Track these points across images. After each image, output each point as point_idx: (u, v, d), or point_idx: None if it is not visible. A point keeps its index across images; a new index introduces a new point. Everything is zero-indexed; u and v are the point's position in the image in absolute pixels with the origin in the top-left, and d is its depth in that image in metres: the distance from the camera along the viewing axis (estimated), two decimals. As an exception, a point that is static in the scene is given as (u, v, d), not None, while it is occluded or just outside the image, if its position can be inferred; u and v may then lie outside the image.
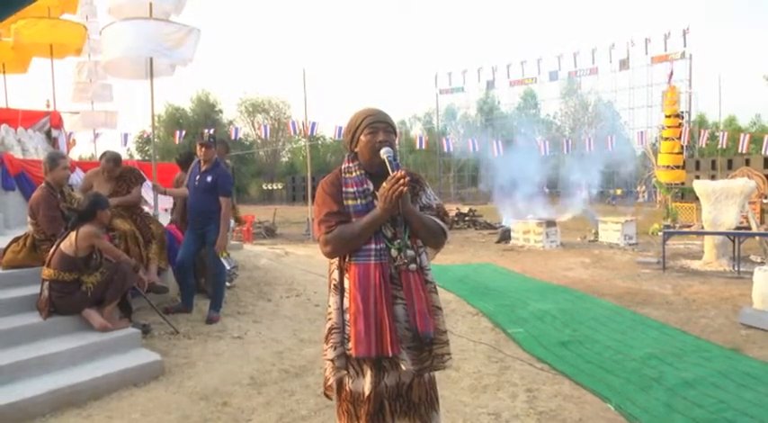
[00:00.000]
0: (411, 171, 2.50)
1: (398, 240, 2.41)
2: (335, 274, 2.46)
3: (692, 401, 4.21)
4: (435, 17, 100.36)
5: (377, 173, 2.46)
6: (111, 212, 5.50)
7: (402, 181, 2.27)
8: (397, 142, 2.54)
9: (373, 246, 2.37)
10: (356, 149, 2.52)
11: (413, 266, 2.40)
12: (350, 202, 2.43)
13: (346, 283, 2.40)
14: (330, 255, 2.43)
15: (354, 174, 2.48)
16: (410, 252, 2.41)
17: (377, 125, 2.47)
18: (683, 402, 4.21)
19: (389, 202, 2.30)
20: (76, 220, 5.08)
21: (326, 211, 2.41)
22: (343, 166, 2.53)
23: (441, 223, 2.50)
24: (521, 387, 4.60)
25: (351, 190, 2.45)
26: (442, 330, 2.47)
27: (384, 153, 2.40)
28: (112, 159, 6.35)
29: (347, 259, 2.40)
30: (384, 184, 2.33)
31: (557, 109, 49.72)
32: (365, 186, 2.46)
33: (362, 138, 2.47)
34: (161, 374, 4.71)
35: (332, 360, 2.41)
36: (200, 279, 6.92)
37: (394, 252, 2.39)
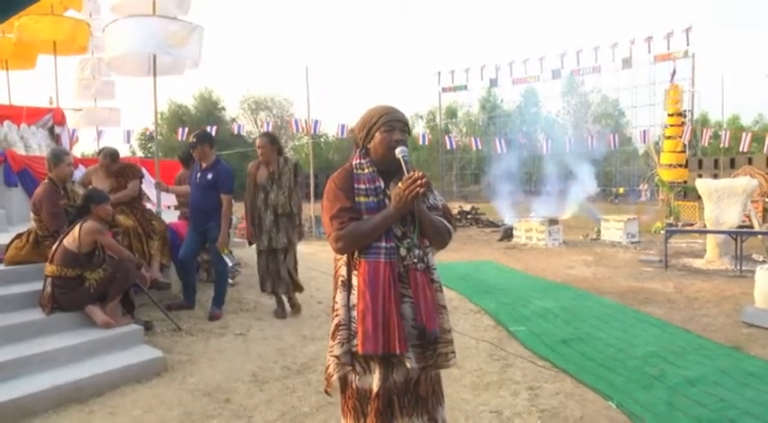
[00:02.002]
0: (419, 171, 2.52)
1: (408, 239, 2.42)
2: (343, 271, 2.46)
3: (694, 400, 4.21)
4: (438, 15, 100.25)
5: (387, 170, 2.47)
6: (111, 208, 5.50)
7: (419, 182, 2.28)
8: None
9: (383, 244, 2.37)
10: (369, 146, 2.51)
11: (421, 265, 2.42)
12: (362, 199, 2.43)
13: (354, 280, 2.41)
14: (341, 251, 2.44)
15: (366, 171, 2.48)
16: (418, 251, 2.43)
17: (393, 123, 2.47)
18: (685, 401, 4.20)
19: (404, 203, 2.31)
20: (74, 216, 5.11)
21: (339, 207, 2.41)
22: (354, 162, 2.53)
23: (448, 224, 2.53)
24: (522, 385, 4.60)
25: (363, 187, 2.45)
26: (447, 329, 2.49)
27: (399, 153, 2.41)
28: (109, 155, 6.38)
29: (357, 256, 2.41)
30: (400, 183, 2.33)
31: (559, 107, 49.73)
32: (377, 184, 2.46)
33: (378, 135, 2.46)
34: (163, 371, 4.72)
35: (338, 356, 2.41)
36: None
37: (403, 251, 2.40)
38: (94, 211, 5.15)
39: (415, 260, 2.41)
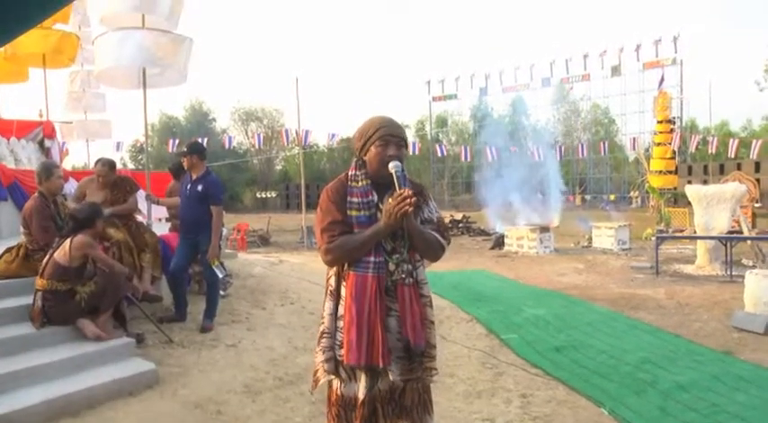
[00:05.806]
0: (415, 182, 2.51)
1: (397, 255, 2.43)
2: (333, 281, 2.49)
3: (686, 405, 4.23)
4: (428, 24, 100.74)
5: (383, 183, 2.46)
6: (104, 222, 5.49)
7: (408, 200, 2.28)
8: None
9: (372, 258, 2.39)
10: (365, 157, 2.51)
11: (409, 280, 2.43)
12: (353, 213, 2.44)
13: (342, 291, 2.43)
14: (330, 263, 2.47)
15: (360, 183, 2.47)
16: (407, 266, 2.44)
17: (389, 138, 2.45)
18: (677, 406, 4.22)
19: (393, 219, 2.32)
20: (74, 228, 5.06)
21: (330, 220, 2.42)
22: (349, 173, 2.52)
23: (441, 239, 2.53)
24: (515, 392, 4.61)
25: (355, 200, 2.45)
26: (433, 344, 2.52)
27: (393, 168, 2.39)
28: (107, 164, 6.37)
29: (346, 268, 2.43)
30: (390, 200, 2.34)
31: (549, 115, 49.97)
32: (370, 197, 2.46)
33: (373, 149, 2.45)
34: (155, 383, 4.69)
35: (321, 363, 2.46)
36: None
37: (392, 266, 2.42)
38: (97, 226, 5.15)
39: (404, 275, 2.42)
